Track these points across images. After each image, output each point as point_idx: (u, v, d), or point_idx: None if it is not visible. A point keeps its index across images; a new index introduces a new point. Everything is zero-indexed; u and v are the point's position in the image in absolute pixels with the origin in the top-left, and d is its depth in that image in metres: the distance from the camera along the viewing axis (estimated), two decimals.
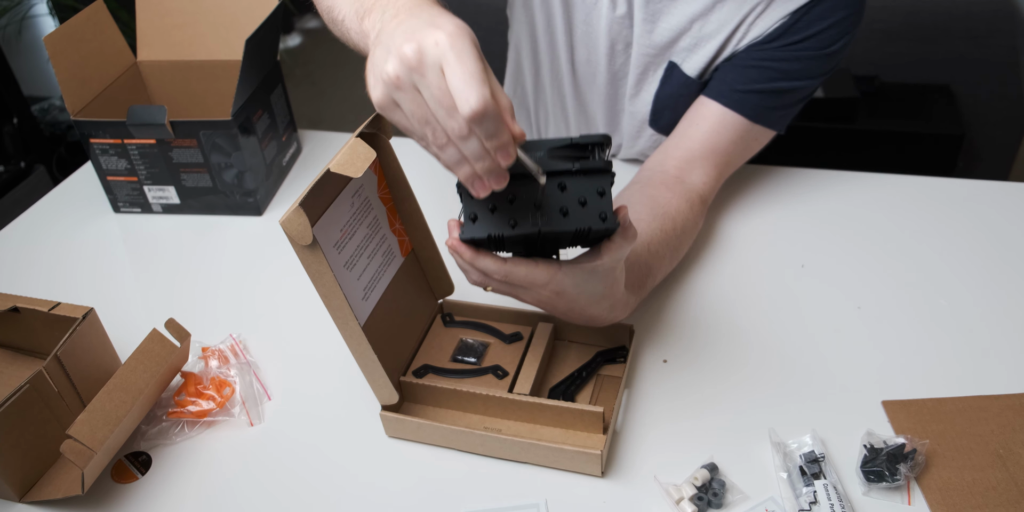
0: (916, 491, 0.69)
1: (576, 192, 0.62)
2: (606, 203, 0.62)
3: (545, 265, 0.66)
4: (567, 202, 0.62)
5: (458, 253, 0.66)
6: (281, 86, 1.15)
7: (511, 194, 0.62)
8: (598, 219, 0.62)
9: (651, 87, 1.01)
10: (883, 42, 1.86)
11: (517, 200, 0.62)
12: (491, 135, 0.55)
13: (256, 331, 0.90)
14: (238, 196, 1.07)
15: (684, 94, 0.99)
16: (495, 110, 0.54)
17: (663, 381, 0.81)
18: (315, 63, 3.22)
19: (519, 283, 0.67)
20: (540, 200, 0.62)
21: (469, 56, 0.54)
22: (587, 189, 0.62)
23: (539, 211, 0.62)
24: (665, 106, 1.01)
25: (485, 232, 0.63)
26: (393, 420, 0.75)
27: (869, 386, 0.79)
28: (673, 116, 1.00)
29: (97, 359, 0.78)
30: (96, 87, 1.07)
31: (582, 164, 0.62)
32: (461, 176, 0.59)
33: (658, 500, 0.69)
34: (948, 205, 1.03)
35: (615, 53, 1.00)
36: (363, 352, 0.70)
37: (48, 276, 1.00)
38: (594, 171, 0.62)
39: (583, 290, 0.69)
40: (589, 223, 0.62)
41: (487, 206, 0.62)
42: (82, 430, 0.66)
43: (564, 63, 1.06)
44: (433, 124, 0.56)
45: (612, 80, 1.04)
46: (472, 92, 0.53)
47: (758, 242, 0.99)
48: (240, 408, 0.80)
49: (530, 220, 0.62)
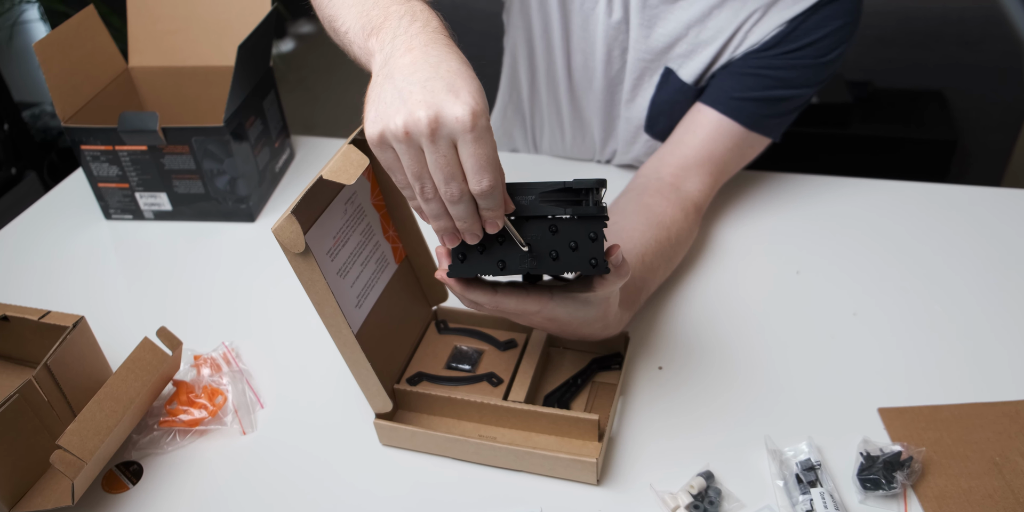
0: (912, 499, 0.68)
1: (567, 236, 0.62)
2: (597, 248, 0.62)
3: (536, 295, 0.66)
4: (558, 245, 0.62)
5: (449, 286, 0.66)
6: (274, 92, 1.14)
7: (500, 235, 0.62)
8: (588, 264, 0.62)
9: (647, 93, 1.01)
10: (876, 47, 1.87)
11: (507, 241, 0.62)
12: (488, 209, 0.58)
13: (249, 339, 0.89)
14: (231, 203, 1.06)
15: (680, 100, 0.98)
16: (501, 190, 0.57)
17: (659, 388, 0.80)
18: (309, 68, 3.21)
19: (510, 313, 0.67)
20: (530, 241, 0.62)
21: (487, 141, 0.55)
22: (579, 233, 0.62)
23: (529, 253, 0.62)
24: (661, 112, 1.01)
25: (473, 273, 0.63)
26: (387, 428, 0.75)
27: (865, 393, 0.79)
28: (669, 122, 1.00)
29: (88, 368, 0.78)
30: (87, 93, 1.06)
31: (575, 210, 0.61)
32: (436, 227, 0.60)
33: (654, 508, 0.69)
34: (942, 211, 1.03)
35: (611, 59, 1.00)
36: (356, 360, 0.70)
37: (39, 284, 1.00)
38: (587, 217, 0.62)
39: (575, 317, 0.69)
40: (579, 267, 0.62)
41: (476, 247, 0.62)
42: (72, 440, 0.66)
43: (560, 68, 1.05)
44: (425, 181, 0.57)
45: (608, 86, 1.04)
46: (487, 176, 0.55)
47: (753, 248, 0.98)
48: (232, 417, 0.79)
49: (518, 262, 0.62)
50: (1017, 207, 1.03)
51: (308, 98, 2.98)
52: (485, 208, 0.58)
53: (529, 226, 0.62)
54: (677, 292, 0.92)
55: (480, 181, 0.56)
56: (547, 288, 0.67)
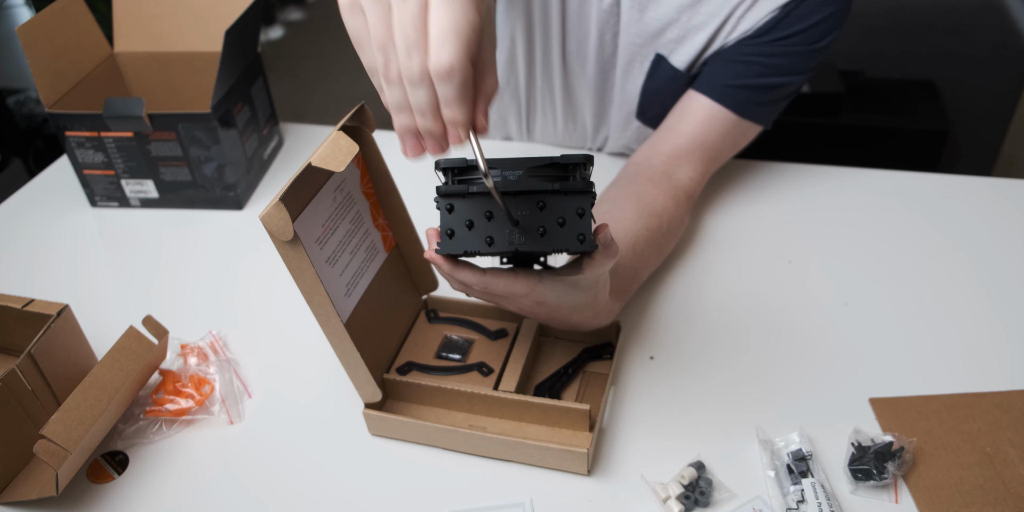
0: (903, 489, 0.68)
1: (555, 212, 0.61)
2: (585, 224, 0.61)
3: (525, 277, 0.65)
4: (546, 221, 0.61)
5: (437, 265, 0.65)
6: (262, 78, 1.13)
7: (487, 210, 0.61)
8: (576, 241, 0.61)
9: (638, 79, 1.00)
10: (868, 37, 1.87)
11: (494, 217, 0.61)
12: (448, 102, 0.51)
13: (236, 328, 0.88)
14: (218, 190, 1.05)
15: (672, 87, 0.98)
16: (463, 78, 0.49)
17: (650, 378, 0.80)
18: (298, 55, 3.18)
19: (499, 294, 0.66)
20: (518, 218, 0.61)
21: (462, 6, 0.48)
22: (567, 209, 0.61)
23: (517, 229, 0.61)
24: (652, 99, 1.00)
25: (461, 249, 0.62)
26: (376, 418, 0.74)
27: (856, 383, 0.78)
28: (661, 109, 1.00)
29: (72, 357, 0.77)
30: (71, 79, 1.05)
31: (562, 185, 0.61)
32: (397, 125, 0.54)
33: (644, 499, 0.69)
34: (933, 201, 1.03)
35: (603, 43, 0.99)
36: (346, 349, 0.69)
37: (23, 272, 0.98)
38: (575, 192, 0.61)
39: (564, 301, 0.68)
40: (567, 244, 0.61)
41: (463, 222, 0.62)
42: (56, 430, 0.65)
43: (556, 53, 1.05)
44: (389, 53, 0.51)
45: (601, 71, 1.03)
46: (447, 47, 0.48)
47: (744, 238, 0.98)
48: (220, 406, 0.78)
49: (507, 238, 0.61)
50: (1007, 197, 1.03)
51: (297, 86, 2.96)
52: (445, 101, 0.50)
53: (517, 202, 0.61)
54: (668, 282, 0.92)
55: (439, 52, 0.48)
56: (536, 271, 0.66)
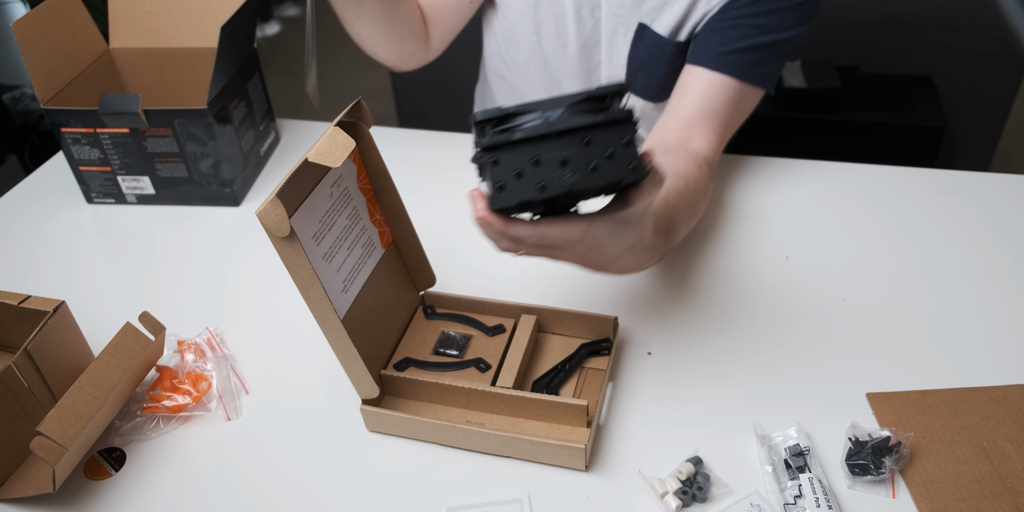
0: (900, 484, 0.68)
1: (602, 145, 0.61)
2: (632, 152, 0.61)
3: (576, 222, 0.65)
4: (594, 156, 0.61)
5: (489, 224, 0.64)
6: (258, 74, 1.13)
7: (534, 156, 0.60)
8: (628, 170, 0.61)
9: (623, 50, 1.01)
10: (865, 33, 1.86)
11: (542, 162, 0.61)
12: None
13: (233, 324, 0.88)
14: (214, 186, 1.05)
15: (657, 55, 0.99)
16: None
17: (647, 374, 0.80)
18: (294, 52, 3.18)
19: (554, 244, 0.66)
20: (567, 158, 0.61)
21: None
22: (612, 141, 0.61)
23: (566, 169, 0.61)
24: (639, 68, 1.01)
25: (516, 199, 0.61)
26: (374, 414, 0.74)
27: (854, 378, 0.78)
28: (648, 78, 1.01)
29: (69, 353, 0.76)
30: (67, 75, 1.05)
31: (605, 116, 0.60)
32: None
33: (642, 494, 0.69)
34: (931, 196, 1.03)
35: (582, 18, 1.00)
36: (343, 345, 0.69)
37: (19, 268, 0.98)
38: (617, 122, 0.61)
39: (616, 240, 0.68)
40: (620, 175, 0.61)
41: (512, 172, 0.61)
42: (53, 426, 0.64)
43: (530, 38, 1.06)
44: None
45: (583, 48, 1.04)
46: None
47: (742, 233, 0.98)
48: (217, 402, 0.78)
49: (558, 180, 0.61)
50: (1005, 192, 1.03)
51: (293, 82, 2.95)
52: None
53: (562, 142, 0.60)
54: (666, 277, 0.92)
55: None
56: (586, 214, 0.66)
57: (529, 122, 0.60)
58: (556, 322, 0.82)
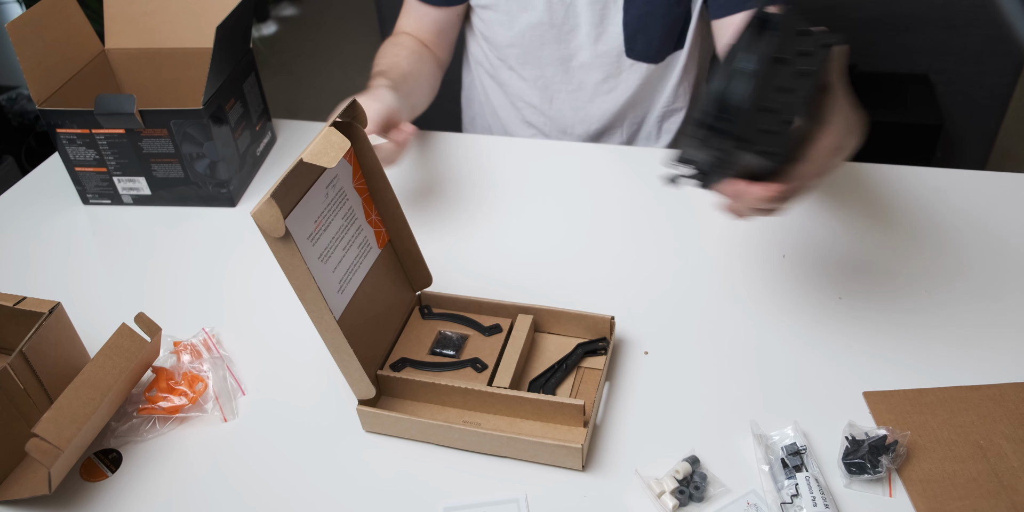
0: (897, 483, 0.68)
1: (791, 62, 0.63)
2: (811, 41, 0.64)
3: (823, 132, 0.67)
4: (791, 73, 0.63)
5: (782, 192, 0.65)
6: (254, 74, 1.12)
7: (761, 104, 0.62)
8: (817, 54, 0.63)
9: (616, 19, 1.03)
10: (861, 31, 1.86)
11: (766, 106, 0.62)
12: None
13: (229, 325, 0.88)
14: (211, 187, 1.05)
15: (650, 11, 1.01)
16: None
17: (644, 373, 0.80)
18: (291, 52, 3.17)
19: (821, 161, 0.66)
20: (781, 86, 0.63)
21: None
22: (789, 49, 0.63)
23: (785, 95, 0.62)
24: (636, 30, 1.03)
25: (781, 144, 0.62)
26: (370, 415, 0.74)
27: (850, 377, 0.78)
28: (646, 38, 1.03)
29: (64, 355, 0.76)
30: (62, 76, 1.04)
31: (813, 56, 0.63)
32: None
33: (639, 494, 0.69)
34: (927, 194, 1.03)
35: (552, 7, 1.03)
36: (339, 346, 0.69)
37: (15, 270, 0.98)
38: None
39: (845, 123, 0.70)
40: (815, 64, 0.63)
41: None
42: (48, 428, 0.64)
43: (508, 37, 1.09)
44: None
45: (559, 36, 1.06)
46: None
47: (738, 232, 0.98)
48: (213, 404, 0.78)
49: (787, 106, 0.62)
50: (1001, 190, 1.03)
51: (290, 82, 2.95)
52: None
53: (767, 81, 0.63)
54: (663, 277, 0.92)
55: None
56: (808, 125, 0.67)
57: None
58: (553, 322, 0.82)
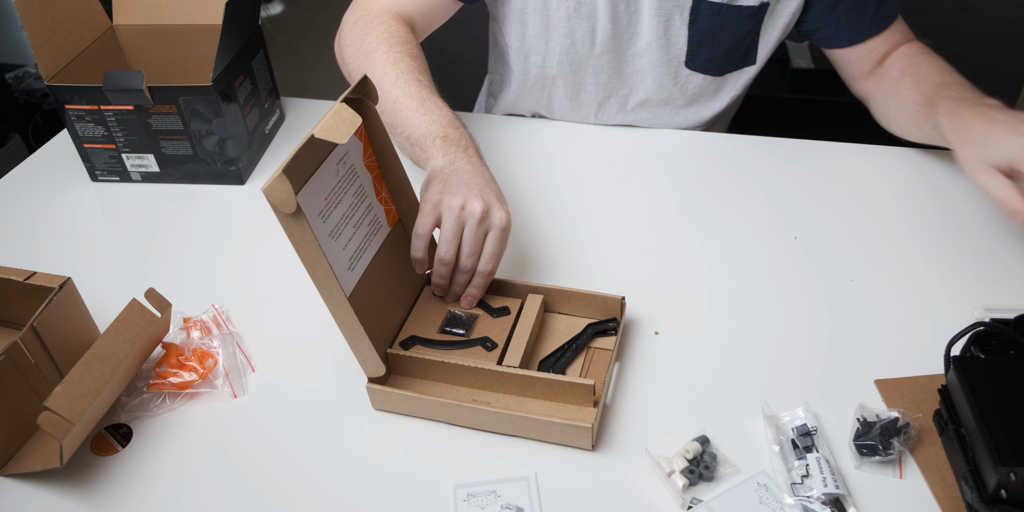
0: (908, 465, 0.68)
1: None
2: None
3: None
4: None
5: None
6: (263, 52, 1.12)
7: None
8: None
9: (681, 31, 1.02)
10: None
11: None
12: (476, 286, 0.80)
13: (239, 301, 0.88)
14: (219, 164, 1.04)
15: (719, 24, 0.99)
16: (490, 278, 0.80)
17: (655, 353, 0.80)
18: (298, 32, 3.16)
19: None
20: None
21: (505, 241, 0.79)
22: None
23: None
24: (701, 43, 1.02)
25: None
26: (380, 392, 0.74)
27: (862, 360, 0.78)
28: (710, 51, 1.02)
29: (75, 330, 0.76)
30: (71, 52, 1.04)
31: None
32: (434, 282, 0.81)
33: (649, 473, 0.69)
34: (941, 177, 1.02)
35: (617, 15, 1.00)
36: (349, 323, 0.68)
37: (24, 247, 0.98)
38: None
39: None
40: None
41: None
42: (60, 402, 0.64)
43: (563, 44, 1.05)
44: (451, 246, 0.78)
45: (616, 43, 1.04)
46: (492, 263, 0.79)
47: (750, 214, 0.97)
48: (223, 380, 0.78)
49: None
50: None
51: (297, 62, 2.94)
52: (475, 285, 0.79)
53: None
54: (674, 258, 0.91)
55: (487, 264, 0.78)
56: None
57: None
58: (563, 302, 0.82)
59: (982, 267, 0.88)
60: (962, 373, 0.66)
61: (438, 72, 1.29)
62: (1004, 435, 0.61)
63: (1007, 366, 0.66)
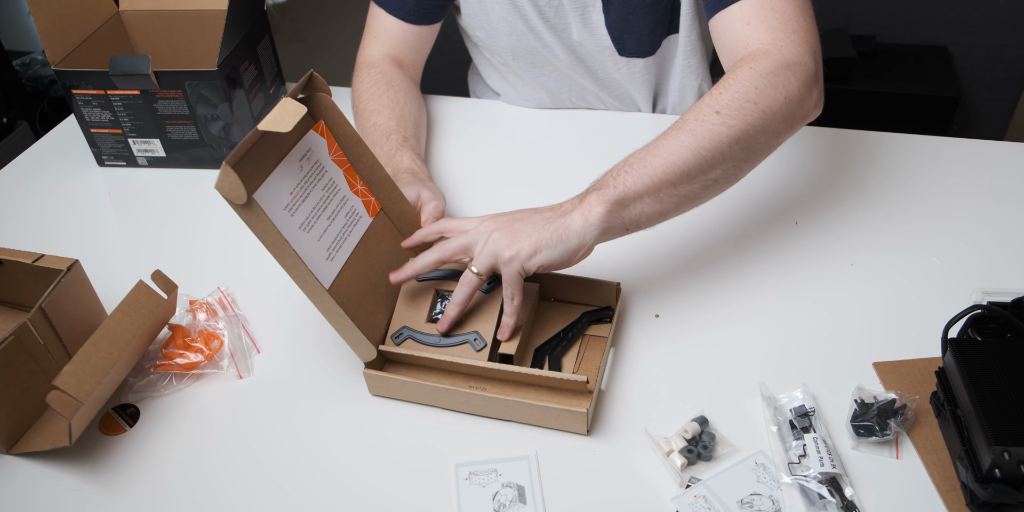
0: (905, 445, 0.69)
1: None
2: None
3: None
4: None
5: None
6: (268, 37, 1.12)
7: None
8: None
9: (599, 21, 1.01)
10: (880, 2, 1.84)
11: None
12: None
13: (245, 284, 0.89)
14: (225, 149, 1.05)
15: (630, 13, 0.99)
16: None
17: (655, 336, 0.80)
18: (303, 19, 3.15)
19: None
20: None
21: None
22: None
23: None
24: (622, 31, 1.02)
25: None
26: (376, 378, 0.74)
27: (860, 343, 0.79)
28: (635, 37, 1.02)
29: (83, 311, 0.77)
30: (77, 37, 1.04)
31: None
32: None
33: (648, 453, 0.69)
34: (943, 164, 1.02)
35: (541, 9, 1.02)
36: (330, 309, 0.69)
37: (33, 230, 0.99)
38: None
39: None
40: None
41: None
42: (68, 381, 0.65)
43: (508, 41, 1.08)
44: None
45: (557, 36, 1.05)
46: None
47: (752, 198, 0.98)
48: (229, 361, 0.79)
49: None
50: (1017, 161, 1.02)
51: (302, 49, 2.93)
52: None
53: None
54: (676, 240, 0.92)
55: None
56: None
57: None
58: (559, 288, 0.82)
59: (980, 252, 0.89)
60: (959, 355, 0.66)
61: (443, 59, 1.30)
62: (999, 416, 0.61)
63: (1004, 349, 0.67)
